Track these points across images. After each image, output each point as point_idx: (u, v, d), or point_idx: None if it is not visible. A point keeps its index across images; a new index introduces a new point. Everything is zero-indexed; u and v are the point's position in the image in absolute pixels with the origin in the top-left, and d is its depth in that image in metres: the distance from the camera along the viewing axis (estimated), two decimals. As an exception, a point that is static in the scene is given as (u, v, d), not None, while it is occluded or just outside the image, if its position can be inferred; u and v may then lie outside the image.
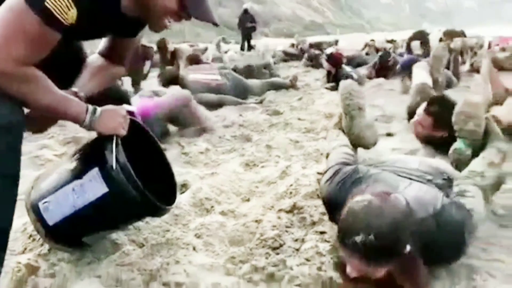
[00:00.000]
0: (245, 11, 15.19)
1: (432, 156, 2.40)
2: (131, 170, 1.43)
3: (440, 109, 2.41)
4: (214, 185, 2.36)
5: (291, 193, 2.25)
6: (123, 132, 1.47)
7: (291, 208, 2.07)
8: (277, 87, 6.15)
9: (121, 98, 1.73)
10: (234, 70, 6.21)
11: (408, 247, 1.34)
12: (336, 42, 14.17)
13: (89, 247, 1.68)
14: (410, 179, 1.75)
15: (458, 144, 2.04)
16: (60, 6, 1.21)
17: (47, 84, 1.31)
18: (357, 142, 2.15)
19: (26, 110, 1.35)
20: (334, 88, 5.82)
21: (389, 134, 3.59)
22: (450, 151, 2.07)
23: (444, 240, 1.44)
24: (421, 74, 3.72)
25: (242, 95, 5.31)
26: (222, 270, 1.59)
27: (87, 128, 1.42)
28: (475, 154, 2.01)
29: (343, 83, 2.22)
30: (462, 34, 7.61)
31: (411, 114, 3.05)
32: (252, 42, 15.25)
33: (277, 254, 1.68)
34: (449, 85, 5.09)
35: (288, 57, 10.75)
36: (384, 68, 6.83)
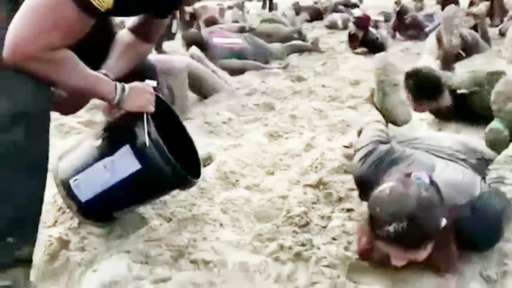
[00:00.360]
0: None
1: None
2: (163, 146, 1.43)
3: (414, 83, 2.38)
4: (238, 158, 2.35)
5: (316, 167, 2.23)
6: (152, 108, 1.46)
7: (317, 184, 2.05)
8: (299, 50, 6.03)
9: (146, 71, 1.71)
10: (253, 31, 6.10)
11: (443, 222, 1.32)
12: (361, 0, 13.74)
13: (117, 221, 1.70)
14: (444, 158, 1.70)
15: (495, 124, 1.98)
16: None
17: (77, 65, 1.29)
18: (388, 119, 2.09)
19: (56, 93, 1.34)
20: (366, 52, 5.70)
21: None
22: (486, 130, 2.01)
23: (480, 229, 1.41)
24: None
25: (264, 59, 5.22)
26: (249, 248, 1.59)
27: (117, 106, 1.40)
28: None
29: (378, 57, 2.15)
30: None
31: None
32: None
33: (304, 232, 1.68)
34: (477, 49, 4.91)
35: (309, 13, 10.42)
36: (402, 25, 6.63)
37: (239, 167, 2.26)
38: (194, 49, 4.17)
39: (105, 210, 1.59)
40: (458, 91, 2.59)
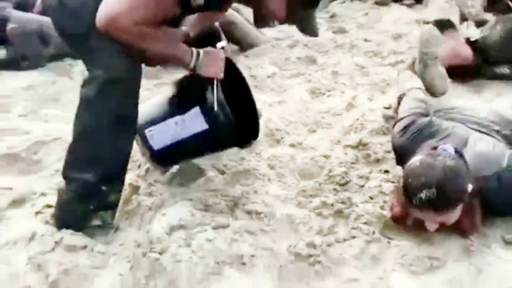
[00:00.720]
0: None
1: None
2: (229, 112, 1.65)
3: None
4: (282, 116, 2.52)
5: (357, 128, 2.38)
6: (222, 75, 1.65)
7: (357, 144, 2.21)
8: None
9: (214, 33, 1.87)
10: None
11: (469, 187, 1.50)
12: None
13: (178, 170, 1.94)
14: (479, 130, 1.83)
15: None
16: None
17: (160, 37, 1.47)
18: (427, 89, 2.20)
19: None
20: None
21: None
22: None
23: (504, 198, 1.57)
24: None
25: None
26: (294, 202, 1.81)
27: (192, 71, 1.58)
28: None
29: (423, 28, 2.22)
30: None
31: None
32: None
33: (344, 191, 1.87)
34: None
35: None
36: None
37: (284, 125, 2.44)
38: None
39: (173, 159, 1.87)
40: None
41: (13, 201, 1.74)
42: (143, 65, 1.63)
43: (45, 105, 2.69)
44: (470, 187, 1.51)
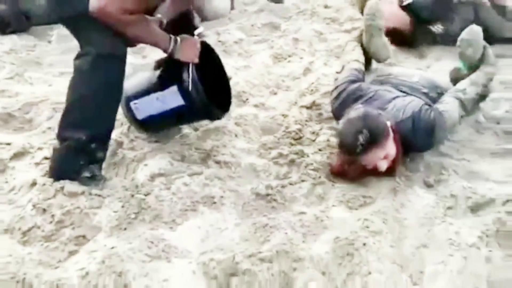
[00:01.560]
0: None
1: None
2: (202, 91, 1.95)
3: None
4: (248, 79, 2.83)
5: (312, 90, 2.72)
6: (197, 60, 1.94)
7: (310, 105, 2.56)
8: None
9: (188, 19, 2.14)
10: None
11: (388, 122, 1.93)
12: None
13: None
14: (408, 92, 2.20)
15: (459, 65, 2.44)
16: None
17: (144, 24, 1.74)
18: (372, 56, 2.54)
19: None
20: None
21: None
22: (451, 70, 2.47)
23: (418, 132, 2.01)
24: None
25: None
26: (256, 153, 2.15)
27: (170, 54, 1.86)
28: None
29: (369, 4, 2.53)
30: None
31: None
32: None
33: (298, 144, 2.22)
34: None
35: None
36: None
37: (248, 87, 2.75)
38: None
39: (154, 127, 2.17)
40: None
41: (14, 154, 2.01)
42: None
43: (29, 68, 2.89)
44: (389, 123, 1.95)
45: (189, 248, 1.60)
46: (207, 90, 2.00)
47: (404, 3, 3.22)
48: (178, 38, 1.88)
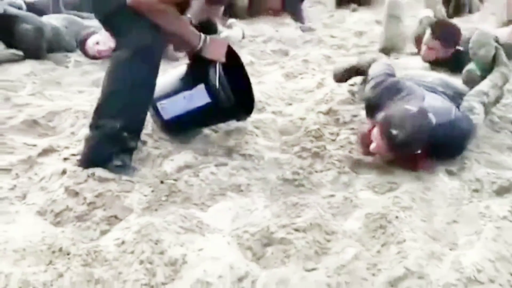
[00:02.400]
0: None
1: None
2: (229, 90, 2.01)
3: (444, 31, 2.90)
4: (262, 91, 2.90)
5: (327, 100, 2.79)
6: (223, 59, 2.01)
7: (327, 111, 2.61)
8: None
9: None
10: None
11: (419, 151, 1.94)
12: None
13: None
14: (427, 90, 2.26)
15: (471, 66, 2.52)
16: None
17: (177, 17, 1.83)
18: (389, 44, 2.64)
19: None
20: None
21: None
22: (464, 71, 2.55)
23: (453, 142, 2.03)
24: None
25: None
26: (279, 150, 2.19)
27: (198, 52, 1.93)
28: (484, 75, 2.49)
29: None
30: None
31: (418, 42, 3.46)
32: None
33: (319, 141, 2.25)
34: (470, 9, 5.35)
35: None
36: None
37: (264, 98, 2.82)
38: None
39: (180, 128, 2.21)
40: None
41: (42, 151, 2.04)
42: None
43: (49, 88, 2.97)
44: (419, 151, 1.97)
45: (220, 226, 1.60)
46: (232, 91, 2.05)
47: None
48: (208, 37, 1.95)
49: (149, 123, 2.28)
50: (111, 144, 1.84)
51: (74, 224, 1.58)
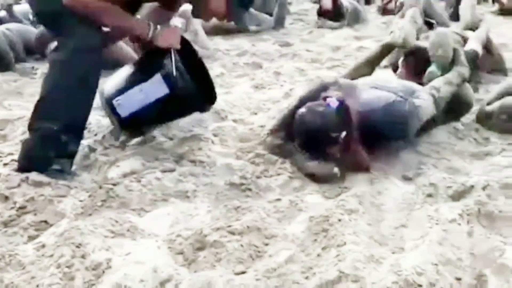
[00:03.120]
0: None
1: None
2: (187, 75, 1.92)
3: (414, 60, 2.88)
4: (228, 100, 2.85)
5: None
6: (178, 45, 1.94)
7: (289, 119, 2.55)
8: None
9: None
10: None
11: (343, 134, 1.90)
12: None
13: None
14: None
15: (432, 68, 2.50)
16: None
17: (119, 11, 1.77)
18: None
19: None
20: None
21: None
22: (425, 73, 2.53)
23: (393, 123, 2.02)
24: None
25: None
26: (233, 156, 2.12)
27: (149, 41, 1.86)
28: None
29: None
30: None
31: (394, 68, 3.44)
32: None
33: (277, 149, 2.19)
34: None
35: None
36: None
37: (228, 107, 2.77)
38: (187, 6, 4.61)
39: (139, 125, 2.11)
40: None
41: (-17, 157, 1.97)
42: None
43: (8, 98, 2.91)
44: (343, 135, 1.91)
45: (156, 231, 1.52)
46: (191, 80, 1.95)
47: None
48: (158, 26, 1.89)
49: (101, 129, 2.23)
50: (48, 147, 1.77)
51: None
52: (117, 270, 1.28)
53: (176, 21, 2.05)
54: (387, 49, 2.77)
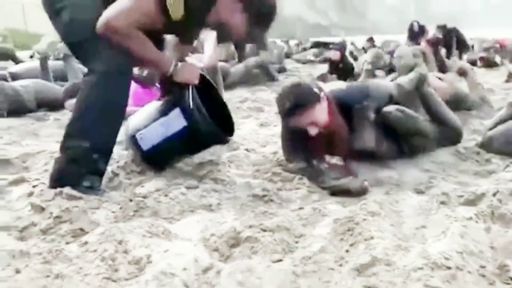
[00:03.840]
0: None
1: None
2: (203, 109, 2.04)
3: None
4: (238, 135, 2.97)
5: (299, 139, 2.86)
6: (196, 81, 2.08)
7: (299, 147, 2.67)
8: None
9: None
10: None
11: (321, 93, 2.14)
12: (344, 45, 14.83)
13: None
14: None
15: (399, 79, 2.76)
16: (175, 7, 1.81)
17: (147, 42, 1.89)
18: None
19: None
20: (339, 78, 6.38)
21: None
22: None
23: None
24: None
25: None
26: (251, 176, 2.21)
27: (171, 76, 1.99)
28: None
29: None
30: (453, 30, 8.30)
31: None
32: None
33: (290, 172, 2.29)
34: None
35: None
36: None
37: (239, 140, 2.89)
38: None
39: (160, 158, 2.19)
40: None
41: (12, 181, 2.03)
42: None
43: (26, 138, 3.01)
44: (322, 94, 2.18)
45: (189, 236, 1.58)
46: (209, 114, 2.06)
47: None
48: (179, 63, 2.03)
49: (122, 158, 2.32)
50: (80, 165, 1.85)
51: (38, 237, 1.55)
52: (158, 263, 1.33)
53: (195, 58, 2.20)
54: None
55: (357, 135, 2.25)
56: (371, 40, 11.24)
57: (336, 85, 2.81)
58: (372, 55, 5.80)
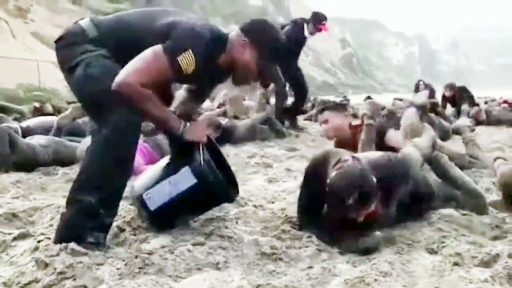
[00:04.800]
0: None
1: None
2: (214, 167, 2.04)
3: None
4: (245, 190, 2.96)
5: (308, 196, 2.83)
6: (205, 139, 2.10)
7: (308, 204, 2.64)
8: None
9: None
10: None
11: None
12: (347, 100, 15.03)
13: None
14: None
15: None
16: (187, 63, 1.88)
17: (158, 102, 1.93)
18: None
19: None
20: None
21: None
22: None
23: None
24: None
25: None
26: (259, 233, 2.17)
27: (180, 136, 2.01)
28: None
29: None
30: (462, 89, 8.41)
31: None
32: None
33: (299, 227, 2.25)
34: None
35: None
36: None
37: (247, 195, 2.87)
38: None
39: (168, 218, 2.15)
40: None
41: (17, 236, 2.01)
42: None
43: (34, 192, 3.01)
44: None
45: (194, 295, 1.54)
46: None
47: None
48: (188, 123, 2.03)
49: (129, 212, 2.30)
50: (86, 219, 1.84)
51: (40, 295, 1.52)
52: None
53: (206, 107, 2.24)
54: None
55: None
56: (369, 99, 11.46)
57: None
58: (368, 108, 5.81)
